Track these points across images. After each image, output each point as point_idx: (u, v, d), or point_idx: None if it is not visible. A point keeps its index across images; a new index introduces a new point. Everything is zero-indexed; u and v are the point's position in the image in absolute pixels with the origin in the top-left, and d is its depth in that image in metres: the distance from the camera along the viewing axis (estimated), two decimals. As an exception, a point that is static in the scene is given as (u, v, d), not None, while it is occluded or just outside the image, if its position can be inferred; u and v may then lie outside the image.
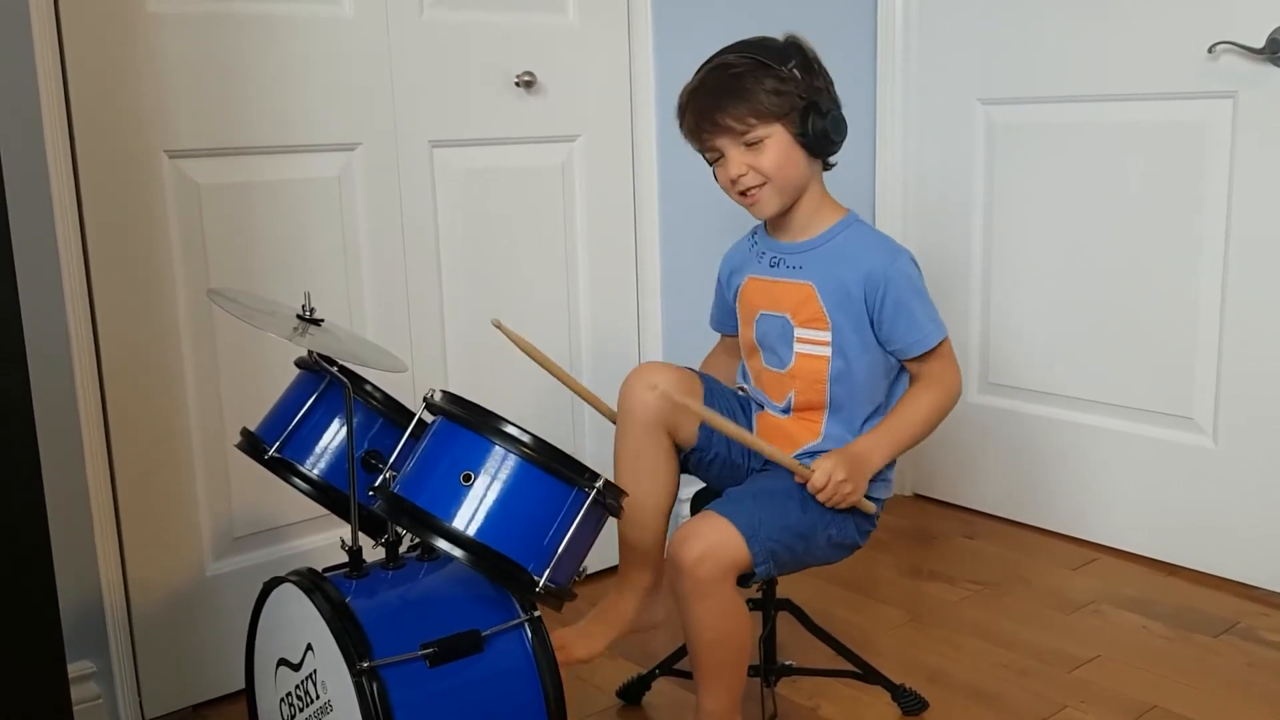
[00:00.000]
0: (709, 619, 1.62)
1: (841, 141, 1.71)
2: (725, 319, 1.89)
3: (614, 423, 1.77)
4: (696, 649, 1.66)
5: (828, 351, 1.71)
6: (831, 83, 1.72)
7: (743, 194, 1.70)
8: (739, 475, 1.78)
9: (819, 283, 1.71)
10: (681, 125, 1.73)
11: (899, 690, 1.91)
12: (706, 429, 1.73)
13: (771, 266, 1.76)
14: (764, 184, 1.68)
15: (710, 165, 1.74)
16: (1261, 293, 2.24)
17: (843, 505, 1.65)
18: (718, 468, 1.79)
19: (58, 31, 1.72)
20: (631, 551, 1.78)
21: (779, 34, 1.72)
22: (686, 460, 1.79)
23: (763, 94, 1.64)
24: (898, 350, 1.71)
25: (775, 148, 1.66)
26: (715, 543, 1.59)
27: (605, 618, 1.78)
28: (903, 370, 1.75)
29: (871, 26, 2.76)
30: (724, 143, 1.67)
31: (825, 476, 1.62)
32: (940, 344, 1.71)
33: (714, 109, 1.66)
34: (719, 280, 1.89)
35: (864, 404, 1.74)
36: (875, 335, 1.71)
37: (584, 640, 1.75)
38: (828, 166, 1.75)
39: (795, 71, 1.65)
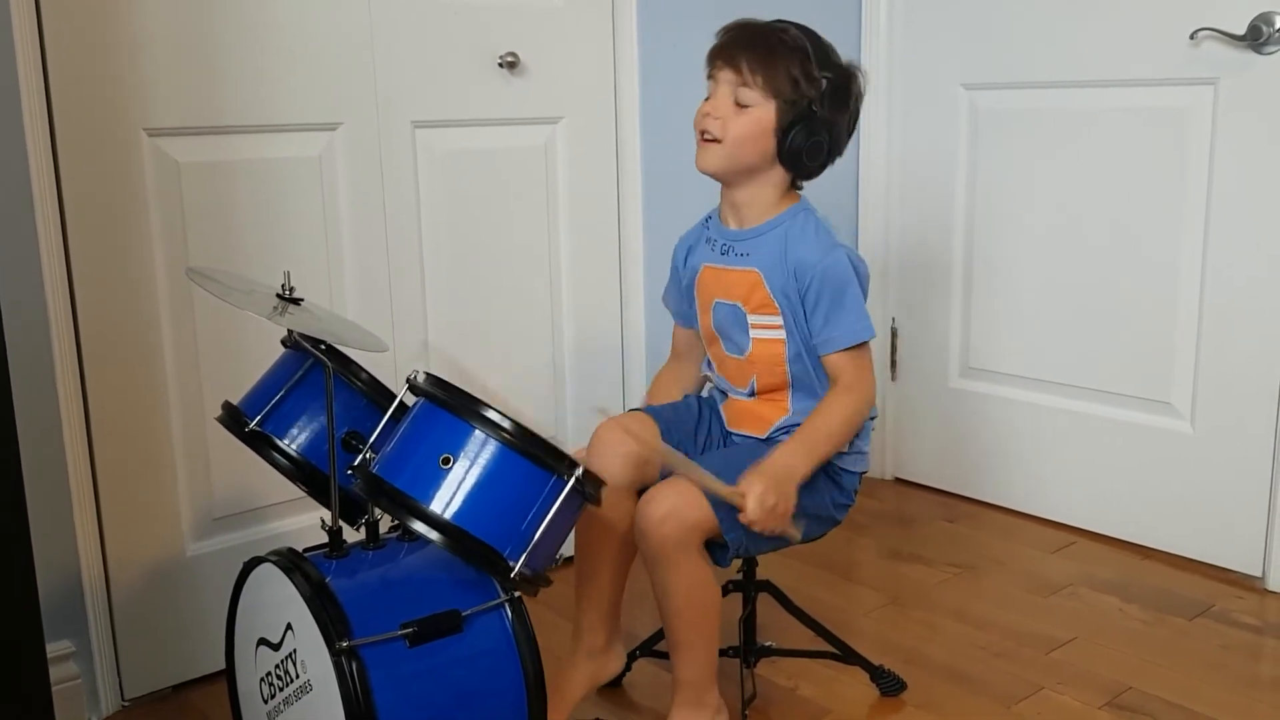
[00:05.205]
0: (676, 582, 1.63)
1: (810, 168, 1.72)
2: (680, 302, 1.89)
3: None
4: (667, 614, 1.67)
5: (782, 335, 1.72)
6: (849, 127, 1.72)
7: (702, 133, 1.70)
8: None
9: (764, 269, 1.71)
10: (717, 39, 1.72)
11: (877, 671, 1.93)
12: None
13: (722, 254, 1.77)
14: (720, 141, 1.68)
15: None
16: (1241, 279, 2.26)
17: (778, 529, 1.60)
18: None
19: (36, 8, 1.71)
20: (589, 607, 1.79)
21: (845, 56, 1.72)
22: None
23: (784, 70, 1.65)
24: (817, 344, 1.69)
25: (753, 121, 1.66)
26: (678, 503, 1.60)
27: (560, 688, 1.75)
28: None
29: (856, 11, 2.75)
30: (725, 78, 1.68)
31: (758, 506, 1.56)
32: (858, 346, 1.68)
33: (741, 47, 1.67)
34: (674, 265, 1.89)
35: (825, 376, 1.73)
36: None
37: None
38: (796, 184, 1.75)
39: (824, 83, 1.65)
